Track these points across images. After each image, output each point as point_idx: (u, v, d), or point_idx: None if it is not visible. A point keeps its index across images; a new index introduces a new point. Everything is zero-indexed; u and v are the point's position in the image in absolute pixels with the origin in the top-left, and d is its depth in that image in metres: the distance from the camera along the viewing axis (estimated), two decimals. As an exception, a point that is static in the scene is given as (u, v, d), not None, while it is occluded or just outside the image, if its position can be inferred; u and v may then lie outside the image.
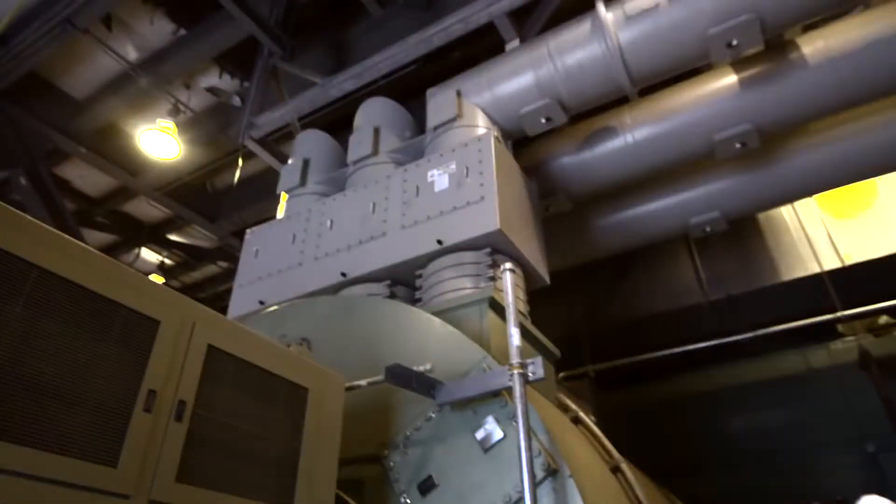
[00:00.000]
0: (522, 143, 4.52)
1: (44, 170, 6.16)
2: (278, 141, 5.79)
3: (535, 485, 1.75)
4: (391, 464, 2.15)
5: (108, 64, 5.76)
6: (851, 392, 7.14)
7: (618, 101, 4.28)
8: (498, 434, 1.98)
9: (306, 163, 4.82)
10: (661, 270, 6.92)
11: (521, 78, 3.98)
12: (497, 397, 2.07)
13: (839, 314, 5.58)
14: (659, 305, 6.72)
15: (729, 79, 4.12)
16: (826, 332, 7.53)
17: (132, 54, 5.76)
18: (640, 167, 4.40)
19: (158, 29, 5.66)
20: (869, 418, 6.83)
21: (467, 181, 3.42)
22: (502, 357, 2.15)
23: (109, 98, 6.06)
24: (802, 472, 7.11)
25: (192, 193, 7.46)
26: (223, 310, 3.48)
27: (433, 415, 2.17)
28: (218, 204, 7.70)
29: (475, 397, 2.06)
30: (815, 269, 6.01)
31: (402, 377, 2.02)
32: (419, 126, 4.55)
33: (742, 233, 6.63)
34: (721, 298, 6.39)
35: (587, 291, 7.07)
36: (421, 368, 2.06)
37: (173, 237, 8.38)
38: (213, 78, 6.10)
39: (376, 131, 4.38)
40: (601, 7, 3.78)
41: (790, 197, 4.99)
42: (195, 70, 6.07)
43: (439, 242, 3.30)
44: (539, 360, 1.93)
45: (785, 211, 6.58)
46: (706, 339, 6.31)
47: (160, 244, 8.41)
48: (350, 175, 4.36)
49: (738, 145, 4.12)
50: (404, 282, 3.59)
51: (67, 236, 1.41)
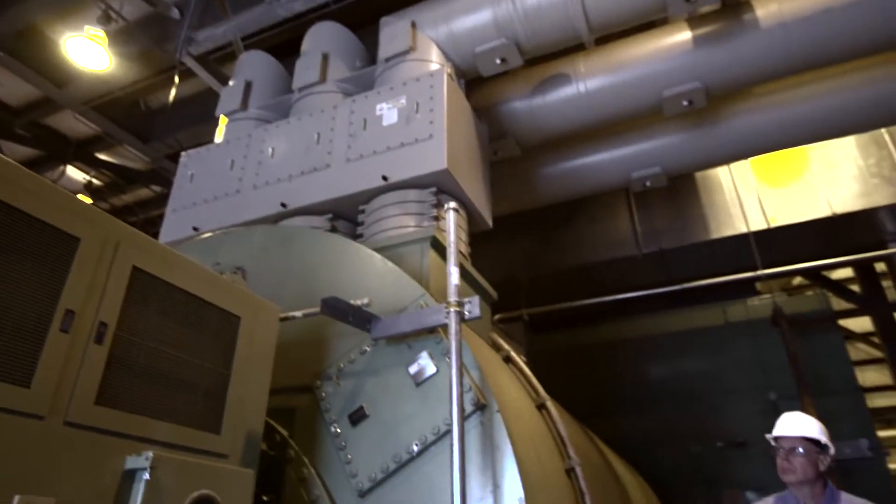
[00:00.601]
0: (475, 84, 4.43)
1: (-48, 71, 5.59)
2: (219, 61, 5.45)
3: (464, 418, 1.80)
4: (323, 394, 2.17)
5: (29, -42, 5.19)
6: (762, 345, 7.69)
7: (573, 49, 4.24)
8: (431, 369, 2.02)
9: (248, 86, 4.58)
10: (600, 222, 7.10)
11: (480, 14, 3.87)
12: (432, 334, 2.09)
13: (759, 273, 5.91)
14: (595, 255, 6.92)
15: (683, 35, 4.14)
16: (745, 289, 8.01)
17: (56, -52, 5.20)
18: (591, 117, 4.42)
19: (87, -78, 5.11)
20: (775, 369, 7.40)
21: (417, 117, 3.34)
22: (441, 297, 2.16)
23: (31, -3, 5.49)
24: (712, 416, 7.70)
25: (124, 111, 6.98)
26: (155, 236, 3.34)
27: (368, 348, 2.18)
28: (151, 124, 7.26)
29: (411, 333, 2.08)
30: (743, 230, 6.31)
31: (339, 310, 2.01)
32: (370, 56, 4.38)
33: (679, 190, 6.84)
34: (654, 252, 6.64)
35: (528, 238, 7.19)
36: (358, 302, 2.05)
37: (102, 156, 7.88)
38: (149, -16, 5.61)
39: (325, 58, 4.19)
40: (565, -53, 3.67)
41: (729, 158, 5.16)
42: (128, -27, 5.56)
43: (384, 178, 3.24)
44: (476, 300, 1.95)
45: (721, 172, 6.82)
46: (636, 290, 6.58)
47: (87, 162, 7.89)
48: (295, 102, 4.18)
49: (686, 103, 4.18)
50: (346, 216, 3.53)
51: (-27, 140, 1.28)
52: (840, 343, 7.61)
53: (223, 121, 4.75)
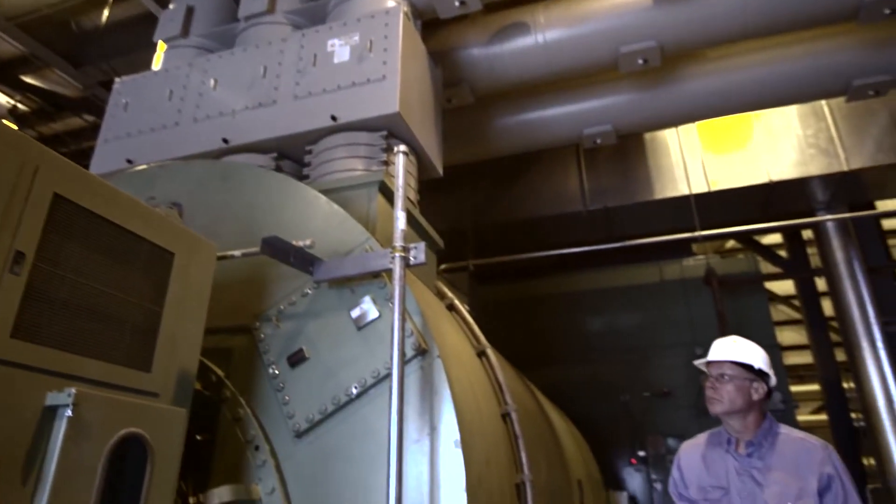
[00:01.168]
0: (431, 26, 4.29)
1: None
2: (158, -20, 5.06)
3: (404, 362, 1.81)
4: (262, 335, 2.13)
5: None
6: (693, 303, 8.09)
7: (534, -3, 4.16)
8: (373, 313, 2.00)
9: (190, 11, 4.28)
10: (549, 177, 7.15)
11: (439, -49, 3.70)
12: (376, 279, 2.07)
13: (697, 234, 6.13)
14: (542, 210, 7.00)
15: (643, -9, 4.10)
16: (682, 249, 8.34)
17: None
18: (547, 69, 4.37)
19: None
20: (702, 326, 7.81)
21: (370, 56, 3.21)
22: (387, 243, 2.13)
23: None
24: (641, 368, 8.11)
25: (53, 31, 6.43)
26: (87, 168, 3.13)
27: (309, 291, 2.14)
28: (84, 47, 6.72)
29: (354, 277, 2.05)
30: (685, 192, 6.50)
31: (280, 250, 1.95)
32: (323, -12, 4.14)
33: (627, 150, 6.95)
34: (599, 209, 6.78)
35: (477, 189, 7.19)
36: (300, 243, 2.00)
37: (29, 79, 7.28)
38: None
39: (274, -15, 3.94)
40: None
41: (679, 119, 5.24)
42: None
43: (333, 118, 3.13)
44: (422, 246, 1.94)
45: (669, 135, 6.95)
46: (580, 245, 6.72)
47: (12, 85, 7.29)
48: (240, 32, 3.94)
49: (641, 61, 4.19)
50: (292, 156, 3.41)
51: None
52: (764, 304, 8.09)
53: (161, 47, 4.45)
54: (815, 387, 11.41)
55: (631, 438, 7.83)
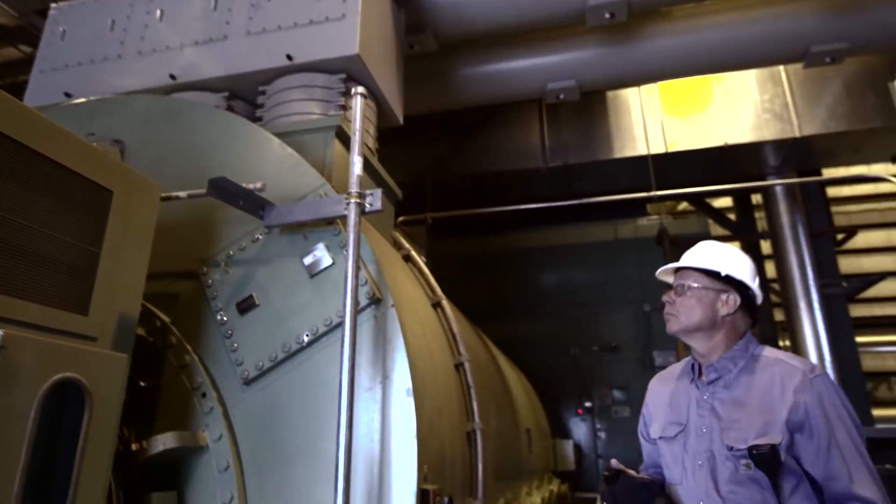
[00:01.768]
0: (395, -35, 4.09)
1: None
2: None
3: (357, 311, 1.78)
4: (210, 281, 2.05)
5: None
6: (644, 262, 8.30)
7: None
8: (327, 261, 1.95)
9: (133, -69, 3.94)
10: (511, 132, 7.10)
11: None
12: (330, 226, 2.01)
13: (653, 193, 6.23)
14: (503, 164, 6.97)
15: (614, -59, 4.00)
16: (637, 209, 8.50)
17: None
18: (514, 18, 4.25)
19: None
20: (653, 284, 8.03)
21: (329, -7, 3.04)
22: (342, 190, 2.06)
23: None
24: (592, 323, 8.34)
25: (-22, -54, 5.86)
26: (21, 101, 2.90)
27: (260, 236, 2.07)
28: (15, -33, 6.17)
29: (307, 222, 1.98)
30: (644, 152, 6.56)
31: (228, 192, 1.86)
32: (279, -85, 3.88)
33: (589, 108, 6.94)
34: (559, 166, 6.79)
35: (438, 141, 7.08)
36: (250, 186, 1.91)
37: (-47, 2, 6.66)
38: None
39: None
40: None
41: (642, 78, 5.23)
42: None
43: (289, 58, 2.98)
44: (378, 193, 1.88)
45: (631, 95, 6.95)
46: (538, 202, 6.74)
47: (-66, 8, 6.66)
48: (189, -42, 3.66)
49: (608, 15, 4.12)
50: (244, 97, 3.24)
51: None
52: (711, 264, 8.36)
53: (102, -29, 4.11)
54: (753, 344, 11.96)
55: (578, 390, 8.13)
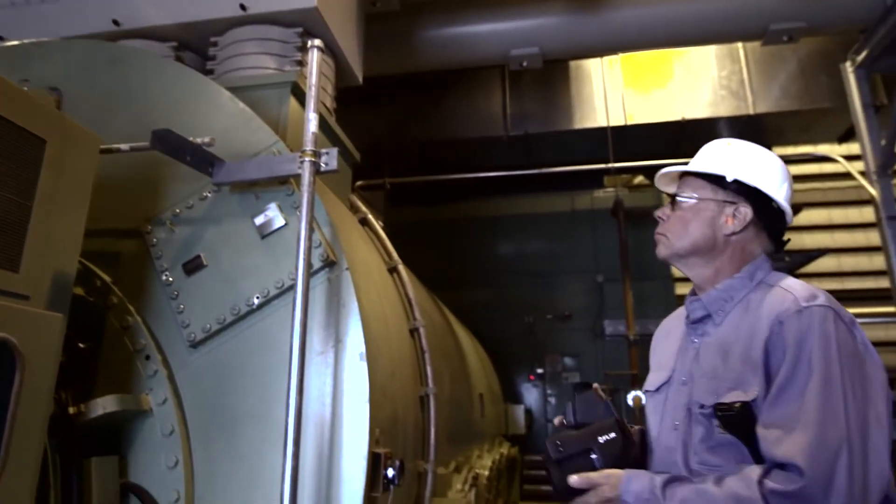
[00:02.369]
0: (358, -85, 3.91)
1: None
2: None
3: (310, 273, 1.73)
4: (154, 240, 1.96)
5: None
6: (599, 233, 8.45)
7: None
8: (279, 221, 1.88)
9: None
10: (473, 99, 7.02)
11: None
12: (284, 185, 1.94)
13: (611, 165, 6.29)
14: (463, 132, 6.90)
15: None
16: (594, 181, 8.61)
17: None
18: (477, -21, 4.16)
19: None
20: (606, 255, 8.22)
21: (285, -61, 2.88)
22: (297, 150, 1.98)
23: None
24: (547, 292, 8.49)
25: None
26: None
27: (209, 194, 1.98)
28: None
29: (259, 181, 1.90)
30: (603, 124, 6.60)
31: (173, 146, 1.76)
32: None
33: (552, 77, 6.91)
34: (520, 135, 6.77)
35: (398, 105, 6.95)
36: (198, 141, 1.81)
37: None
38: None
39: None
40: None
41: (606, 49, 5.22)
42: None
43: (242, 7, 2.82)
44: (334, 152, 1.81)
45: (594, 67, 6.95)
46: (498, 170, 6.74)
47: None
48: None
49: (573, -20, 4.07)
50: (195, 48, 3.07)
51: None
52: (664, 237, 8.59)
53: None
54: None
55: (531, 357, 8.30)
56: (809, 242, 8.81)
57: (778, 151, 6.32)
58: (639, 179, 10.17)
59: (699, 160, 1.50)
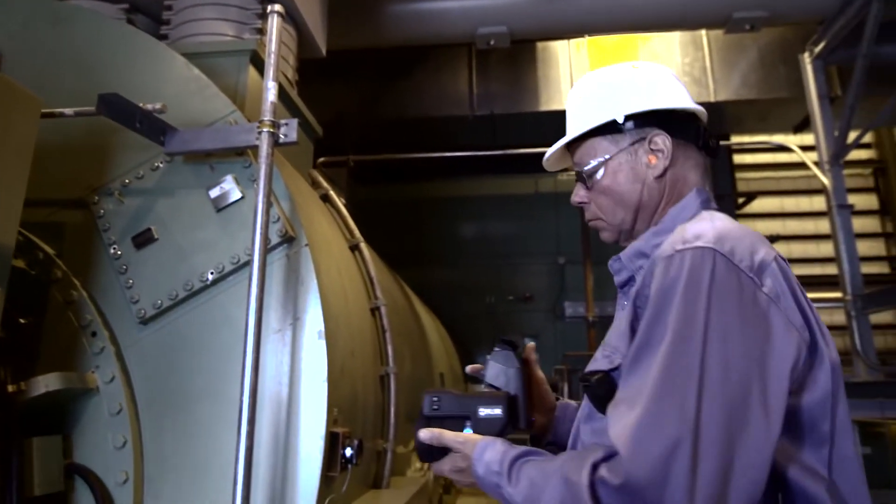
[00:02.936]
0: None
1: None
2: None
3: (268, 249, 1.68)
4: (101, 211, 1.86)
5: None
6: (562, 216, 8.53)
7: None
8: (236, 195, 1.81)
9: None
10: (439, 77, 6.94)
11: None
12: (241, 157, 1.86)
13: (575, 148, 6.32)
14: (429, 110, 6.83)
15: None
16: (559, 164, 8.65)
17: None
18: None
19: None
20: (568, 238, 8.32)
21: None
22: (255, 121, 1.90)
23: None
24: (509, 273, 8.54)
25: None
26: None
27: (160, 165, 1.89)
28: None
29: (214, 152, 1.83)
30: (568, 106, 6.62)
31: (122, 111, 1.66)
32: None
33: (519, 58, 6.88)
34: (485, 115, 6.74)
35: (363, 82, 6.81)
36: (149, 107, 1.72)
37: None
38: None
39: None
40: None
41: (573, 30, 5.21)
42: None
43: (198, -31, 2.69)
44: (293, 123, 1.75)
45: (560, 49, 6.94)
46: (463, 151, 6.70)
47: None
48: None
49: (542, -41, 4.03)
50: (147, 11, 2.91)
51: None
52: (623, 221, 8.74)
53: None
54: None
55: (492, 337, 8.36)
56: (762, 229, 9.10)
57: (736, 140, 6.50)
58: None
59: (575, 119, 1.22)
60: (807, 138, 6.55)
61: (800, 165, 6.68)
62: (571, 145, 1.24)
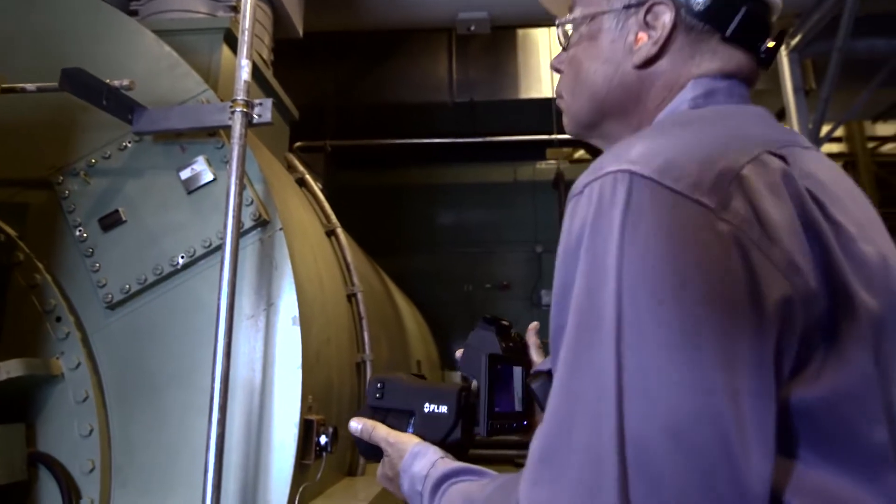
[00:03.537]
0: None
1: None
2: None
3: (241, 232, 1.63)
4: (66, 192, 1.79)
5: None
6: (540, 204, 8.55)
7: None
8: (207, 176, 1.76)
9: None
10: (419, 62, 6.86)
11: None
12: (213, 137, 1.81)
13: (553, 137, 6.33)
14: (408, 96, 6.76)
15: None
16: (537, 153, 8.66)
17: None
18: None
19: None
20: (546, 227, 8.35)
21: None
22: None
23: None
24: (486, 261, 8.56)
25: None
26: None
27: (129, 144, 1.82)
28: None
29: (185, 131, 1.77)
30: (549, 94, 6.61)
31: (87, 87, 1.60)
32: None
33: (499, 44, 6.84)
34: (465, 102, 6.69)
35: (342, 65, 6.70)
36: (116, 83, 1.65)
37: None
38: None
39: None
40: None
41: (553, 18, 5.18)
42: None
43: (170, -57, 2.59)
44: (268, 103, 1.70)
45: (541, 36, 6.91)
46: (441, 137, 6.65)
47: None
48: None
49: (524, -56, 3.98)
50: (116, -15, 2.81)
51: None
52: (601, 210, 8.79)
53: None
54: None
55: (469, 325, 8.36)
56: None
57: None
58: (580, 153, 10.33)
59: None
60: (781, 131, 6.62)
61: (774, 157, 6.75)
62: None
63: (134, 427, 1.67)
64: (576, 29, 0.85)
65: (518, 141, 6.64)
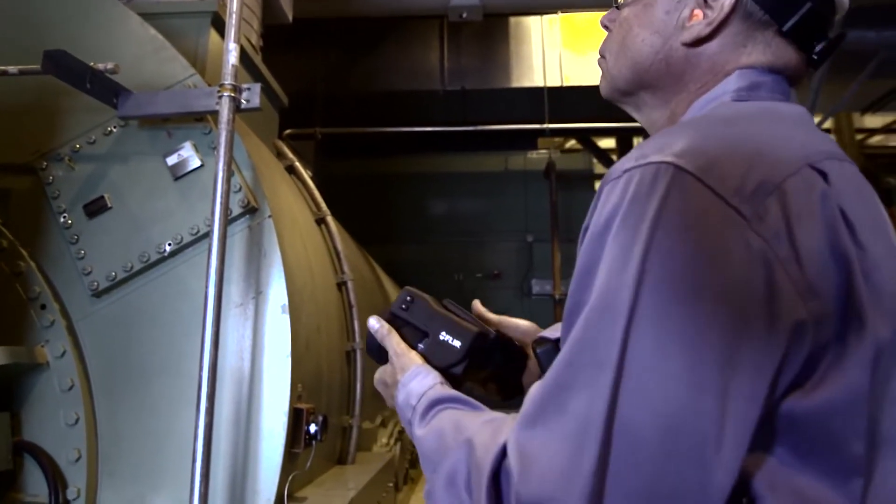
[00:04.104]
0: None
1: None
2: None
3: (228, 219, 1.61)
4: (50, 177, 1.76)
5: None
6: (531, 194, 8.55)
7: None
8: (195, 162, 1.73)
9: None
10: (410, 50, 6.81)
11: None
12: (200, 122, 1.78)
13: (545, 126, 6.31)
14: (399, 83, 6.71)
15: None
16: (528, 142, 8.65)
17: None
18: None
19: None
20: (537, 216, 8.35)
21: None
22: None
23: None
24: (477, 251, 8.56)
25: None
26: None
27: (114, 129, 1.79)
28: None
29: (172, 116, 1.74)
30: (540, 83, 6.58)
31: (71, 70, 1.56)
32: None
33: (491, 32, 6.79)
34: (456, 90, 6.65)
35: (332, 52, 6.64)
36: (101, 66, 1.62)
37: None
38: None
39: None
40: None
41: (546, 6, 5.15)
42: None
43: (156, -76, 2.54)
44: (256, 88, 1.67)
45: (534, 25, 6.87)
46: (433, 126, 6.61)
47: None
48: None
49: (517, -70, 3.94)
50: (101, -34, 2.75)
51: None
52: (591, 200, 8.82)
53: None
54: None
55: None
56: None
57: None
58: (570, 143, 10.33)
59: None
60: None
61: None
62: None
63: (121, 416, 1.65)
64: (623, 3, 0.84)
65: (509, 130, 6.62)
